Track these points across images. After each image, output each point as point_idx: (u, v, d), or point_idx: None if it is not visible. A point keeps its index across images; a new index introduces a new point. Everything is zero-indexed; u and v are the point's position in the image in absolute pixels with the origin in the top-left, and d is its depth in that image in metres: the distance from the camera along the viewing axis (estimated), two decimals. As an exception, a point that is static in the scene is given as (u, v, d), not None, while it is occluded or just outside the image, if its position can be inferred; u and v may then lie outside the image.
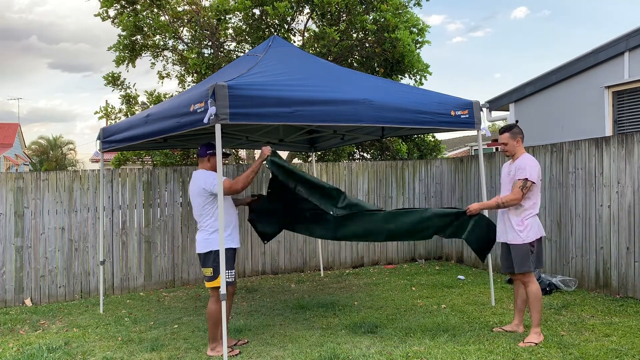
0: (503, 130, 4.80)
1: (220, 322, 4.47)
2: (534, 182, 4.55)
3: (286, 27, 10.35)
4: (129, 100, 11.52)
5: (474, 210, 4.89)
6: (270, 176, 5.31)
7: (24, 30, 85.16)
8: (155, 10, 10.76)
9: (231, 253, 4.56)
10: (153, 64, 11.69)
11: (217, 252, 4.42)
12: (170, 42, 11.28)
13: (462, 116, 5.61)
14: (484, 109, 5.99)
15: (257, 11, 10.32)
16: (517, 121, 5.52)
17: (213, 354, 4.52)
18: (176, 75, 11.98)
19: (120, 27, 10.61)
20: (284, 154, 12.14)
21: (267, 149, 4.84)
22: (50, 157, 40.80)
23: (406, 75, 11.05)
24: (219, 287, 4.38)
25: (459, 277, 7.59)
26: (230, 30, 11.05)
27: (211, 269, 4.49)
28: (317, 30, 10.65)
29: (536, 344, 4.49)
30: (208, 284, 4.55)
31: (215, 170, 4.57)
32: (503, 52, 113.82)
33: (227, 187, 4.51)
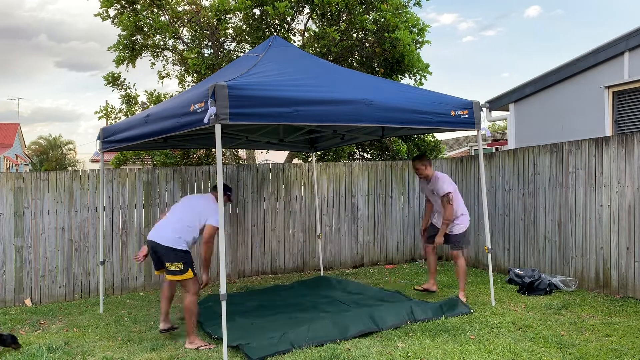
0: (415, 159, 6.28)
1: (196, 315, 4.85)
2: (451, 192, 6.01)
3: (286, 27, 10.35)
4: (129, 100, 11.52)
5: (439, 242, 6.12)
6: None
7: (34, 29, 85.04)
8: (155, 10, 10.75)
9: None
10: (153, 64, 11.69)
11: (185, 252, 4.84)
12: (170, 42, 11.27)
13: (462, 116, 5.61)
14: (484, 109, 5.99)
15: (257, 11, 10.32)
16: (425, 152, 6.53)
17: (192, 346, 4.75)
18: (176, 75, 11.98)
19: (120, 27, 10.61)
20: (284, 154, 12.15)
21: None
22: (50, 157, 40.82)
23: (406, 75, 11.05)
24: (188, 280, 4.78)
25: None
26: (230, 30, 11.05)
27: (181, 263, 4.78)
28: (317, 30, 10.65)
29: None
30: (175, 277, 4.81)
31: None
32: (513, 51, 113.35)
33: (208, 234, 4.89)
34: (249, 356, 4.35)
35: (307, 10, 10.63)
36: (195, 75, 10.83)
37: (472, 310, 5.66)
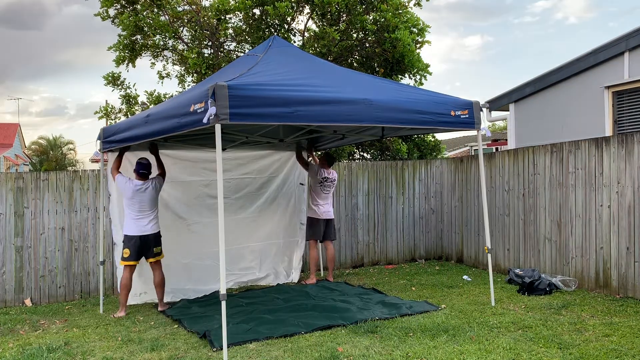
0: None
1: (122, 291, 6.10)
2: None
3: (286, 27, 10.35)
4: (129, 100, 11.52)
5: None
6: None
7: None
8: (155, 10, 10.76)
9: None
10: (153, 64, 11.71)
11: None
12: (170, 42, 11.28)
13: (462, 116, 5.62)
14: (484, 109, 6.00)
15: (257, 11, 10.33)
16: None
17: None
18: (176, 75, 11.98)
19: (121, 27, 10.62)
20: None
21: None
22: (50, 157, 40.79)
23: (406, 75, 11.06)
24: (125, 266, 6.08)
25: (464, 277, 7.58)
26: (230, 30, 11.05)
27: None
28: (317, 30, 10.65)
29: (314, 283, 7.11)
30: (160, 257, 6.23)
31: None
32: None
33: None
34: (212, 343, 4.68)
35: (307, 10, 10.64)
36: (195, 75, 10.84)
37: (440, 307, 5.79)
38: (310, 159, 7.80)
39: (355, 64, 11.13)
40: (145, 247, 6.04)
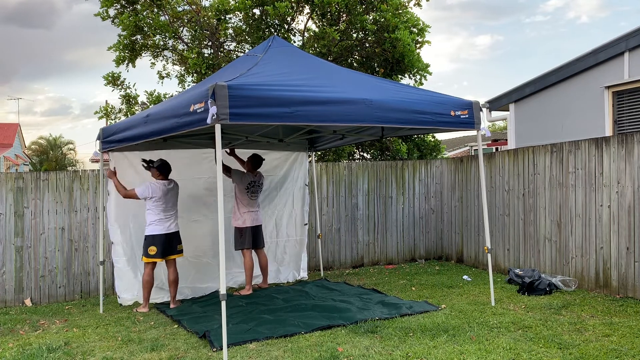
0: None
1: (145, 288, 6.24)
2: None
3: (286, 27, 10.36)
4: (129, 100, 11.53)
5: None
6: None
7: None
8: (155, 10, 10.76)
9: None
10: (153, 64, 11.70)
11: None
12: (170, 42, 11.28)
13: (461, 116, 5.61)
14: (484, 109, 6.00)
15: (257, 11, 10.33)
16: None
17: (144, 310, 6.21)
18: (176, 75, 11.99)
19: (121, 27, 10.62)
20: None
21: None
22: (50, 157, 40.80)
23: (406, 75, 11.07)
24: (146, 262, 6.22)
25: (464, 277, 7.57)
26: (230, 30, 11.05)
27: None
28: (317, 30, 10.65)
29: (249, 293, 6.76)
30: (182, 254, 6.45)
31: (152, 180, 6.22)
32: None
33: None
34: (212, 343, 4.67)
35: (307, 10, 10.64)
36: (195, 75, 10.84)
37: (440, 307, 5.81)
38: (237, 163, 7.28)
39: (355, 64, 11.13)
40: (170, 244, 6.22)
